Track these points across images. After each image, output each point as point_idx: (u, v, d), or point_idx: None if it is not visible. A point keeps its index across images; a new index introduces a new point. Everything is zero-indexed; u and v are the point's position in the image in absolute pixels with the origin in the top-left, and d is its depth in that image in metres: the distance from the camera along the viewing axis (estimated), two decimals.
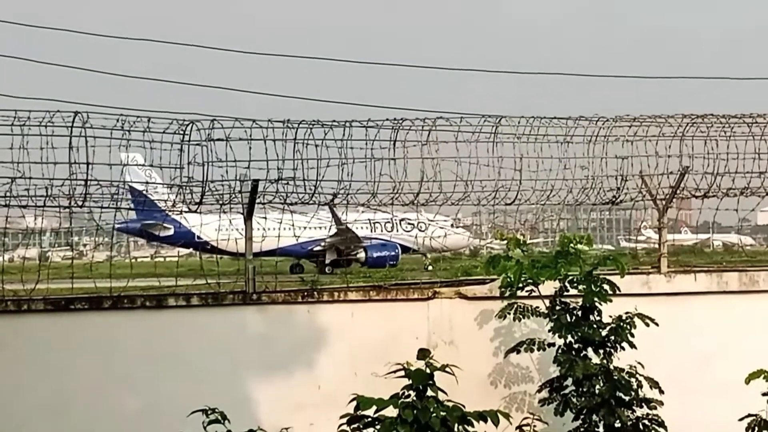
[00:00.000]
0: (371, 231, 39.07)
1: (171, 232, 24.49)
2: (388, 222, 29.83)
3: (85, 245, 19.32)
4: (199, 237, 16.55)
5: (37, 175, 14.32)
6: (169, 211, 16.06)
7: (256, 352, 15.38)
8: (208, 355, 15.18)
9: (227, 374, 15.10)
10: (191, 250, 24.03)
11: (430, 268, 22.66)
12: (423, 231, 19.89)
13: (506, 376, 15.71)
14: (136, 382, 14.97)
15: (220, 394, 13.73)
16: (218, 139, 15.04)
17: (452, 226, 17.28)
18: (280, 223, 15.89)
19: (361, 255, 43.03)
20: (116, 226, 16.52)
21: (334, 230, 39.35)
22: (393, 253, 39.22)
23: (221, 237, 16.37)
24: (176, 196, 15.14)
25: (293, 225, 15.90)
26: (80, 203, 14.65)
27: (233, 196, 15.61)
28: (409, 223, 21.80)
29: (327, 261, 41.88)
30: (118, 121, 14.59)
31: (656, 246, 16.96)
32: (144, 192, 16.16)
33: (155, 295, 15.41)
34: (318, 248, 43.18)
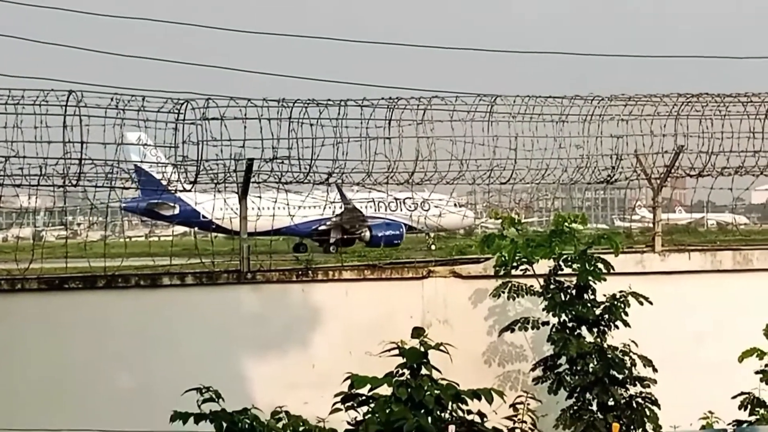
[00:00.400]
0: (375, 210, 38.94)
1: (176, 211, 24.44)
2: (392, 201, 29.71)
3: (79, 224, 19.29)
4: (204, 216, 16.51)
5: (31, 154, 14.33)
6: (175, 190, 16.03)
7: (250, 331, 15.39)
8: (203, 334, 15.19)
9: (222, 353, 15.10)
10: (187, 229, 24.01)
11: (433, 247, 22.68)
12: (426, 210, 19.88)
13: (500, 354, 15.73)
14: (130, 361, 14.98)
15: (214, 373, 13.69)
16: (213, 118, 15.03)
17: (455, 205, 17.27)
18: (275, 202, 15.87)
19: (366, 234, 42.84)
20: (122, 205, 16.47)
21: (336, 210, 39.34)
22: (397, 232, 39.06)
23: (225, 216, 16.34)
24: (170, 175, 15.10)
25: (288, 204, 15.88)
26: (74, 182, 14.62)
27: (228, 175, 15.60)
28: (413, 203, 21.75)
29: (332, 240, 41.69)
30: (112, 100, 14.56)
31: (650, 225, 16.96)
32: (149, 171, 16.14)
33: (149, 275, 15.41)
34: (323, 227, 43.04)
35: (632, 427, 14.01)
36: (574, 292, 14.58)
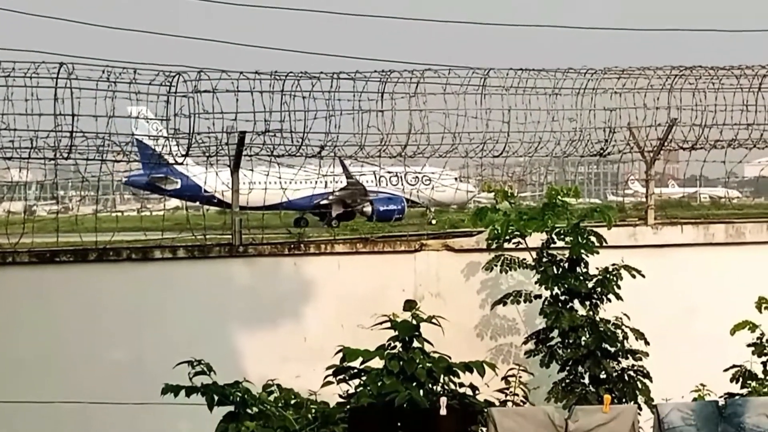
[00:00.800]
0: (376, 185, 38.87)
1: (178, 185, 24.43)
2: (394, 176, 29.69)
3: (70, 199, 19.23)
4: (206, 190, 16.48)
5: (22, 126, 14.28)
6: (174, 162, 16.01)
7: (242, 305, 15.38)
8: (194, 308, 15.17)
9: (213, 326, 15.09)
10: (179, 203, 23.95)
11: (434, 221, 22.65)
12: (427, 185, 19.85)
13: (492, 327, 15.71)
14: (121, 334, 14.96)
15: (205, 346, 13.66)
16: (205, 91, 14.99)
17: (456, 180, 17.26)
18: (279, 177, 15.80)
19: (368, 209, 42.73)
20: (123, 179, 16.41)
21: (335, 185, 39.19)
22: (399, 207, 38.95)
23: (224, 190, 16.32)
24: (162, 148, 15.05)
25: (281, 178, 15.84)
26: (65, 155, 14.57)
27: (220, 148, 15.57)
28: (414, 177, 21.75)
29: (333, 215, 41.58)
30: (103, 72, 14.50)
31: (643, 200, 16.95)
32: (152, 145, 16.08)
33: (141, 248, 15.39)
34: (324, 202, 42.99)
35: (624, 399, 13.99)
36: (566, 265, 14.53)
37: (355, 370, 12.53)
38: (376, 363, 12.51)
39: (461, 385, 12.71)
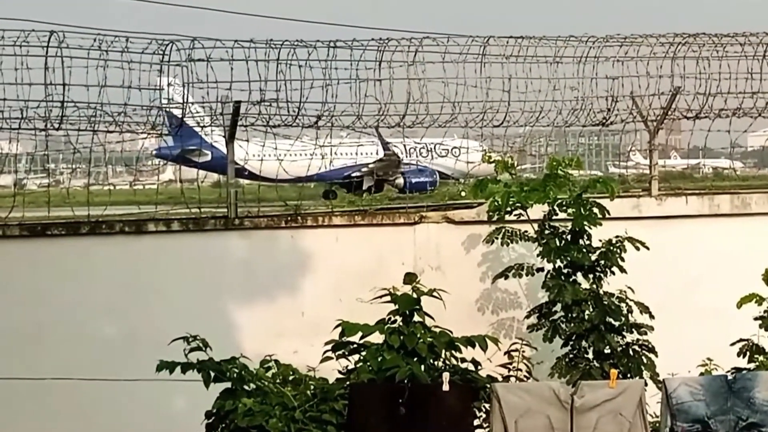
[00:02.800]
0: (407, 156, 38.71)
1: (209, 158, 24.23)
2: (423, 147, 29.56)
3: (62, 173, 18.95)
4: (236, 162, 16.29)
5: (12, 96, 14.01)
6: (205, 135, 15.78)
7: (238, 279, 15.14)
8: (189, 282, 14.91)
9: (209, 301, 14.83)
10: (173, 177, 23.72)
11: (464, 194, 22.40)
12: (457, 157, 19.59)
13: (494, 301, 15.48)
14: (115, 309, 14.69)
15: (201, 321, 13.36)
16: (199, 60, 14.73)
17: (484, 151, 17.06)
18: (315, 147, 15.83)
19: (400, 180, 42.46)
20: (154, 151, 16.11)
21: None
22: (432, 179, 38.69)
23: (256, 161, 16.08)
24: (156, 119, 14.77)
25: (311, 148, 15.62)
26: (56, 126, 14.31)
27: (214, 118, 15.34)
28: (443, 149, 21.60)
29: (365, 187, 41.37)
30: (95, 41, 14.20)
31: (645, 172, 16.76)
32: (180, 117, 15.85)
33: (134, 221, 15.12)
34: (357, 174, 42.77)
35: (629, 374, 13.76)
36: (569, 237, 14.27)
37: (355, 345, 12.24)
38: (376, 338, 12.26)
39: (463, 360, 12.45)
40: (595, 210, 14.20)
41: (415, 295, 12.43)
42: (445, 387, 11.66)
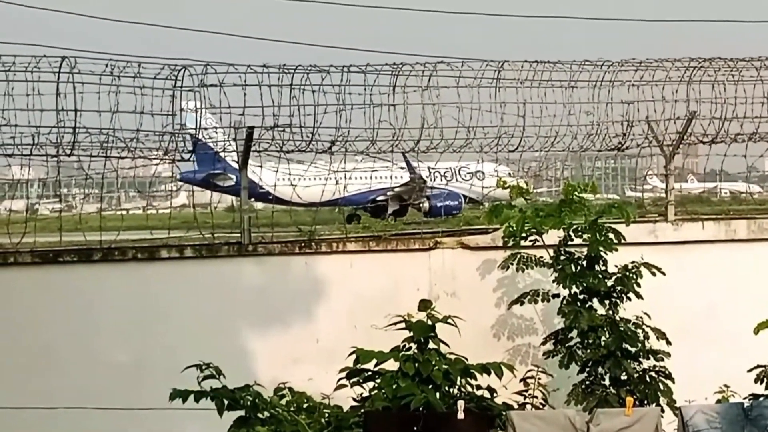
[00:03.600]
0: (431, 180, 38.65)
1: (233, 182, 24.21)
2: (448, 171, 29.42)
3: (74, 197, 18.89)
4: (261, 187, 16.21)
5: (24, 122, 13.96)
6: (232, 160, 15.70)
7: (252, 305, 15.03)
8: (203, 308, 14.81)
9: (222, 328, 14.73)
10: (186, 201, 23.64)
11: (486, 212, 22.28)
12: (481, 180, 19.51)
13: (509, 327, 15.36)
14: (128, 336, 14.60)
15: (215, 348, 13.39)
16: (211, 85, 14.70)
17: (509, 176, 16.97)
18: (335, 172, 15.77)
19: (425, 204, 42.40)
20: (180, 176, 16.09)
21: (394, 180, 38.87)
22: (456, 203, 38.58)
23: (283, 186, 16.02)
24: (168, 145, 14.69)
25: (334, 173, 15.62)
26: (68, 152, 14.25)
27: (227, 143, 15.26)
28: (468, 173, 21.57)
29: (389, 211, 41.26)
30: (107, 66, 14.17)
31: (662, 195, 16.66)
32: (206, 141, 15.80)
33: (147, 247, 15.03)
34: (381, 197, 42.73)
35: (646, 401, 13.66)
36: (584, 263, 14.19)
37: (370, 373, 12.22)
38: (391, 365, 12.20)
39: (478, 387, 12.41)
40: (611, 236, 14.12)
41: (430, 322, 12.38)
42: (460, 415, 11.63)
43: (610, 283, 14.12)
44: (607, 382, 13.96)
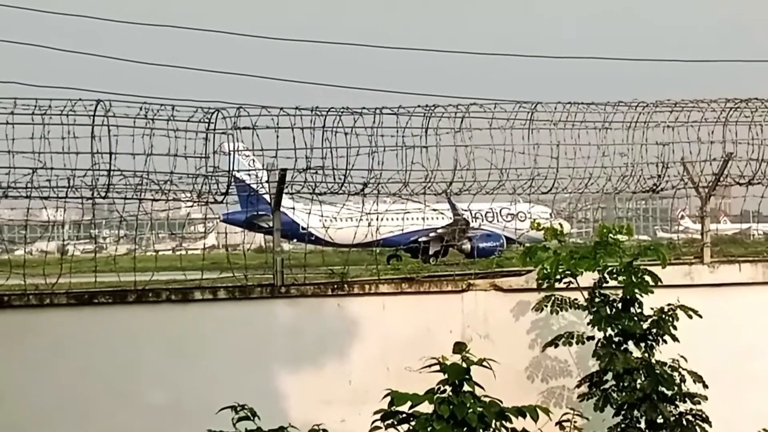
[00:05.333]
0: (472, 221, 38.68)
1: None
2: (488, 212, 29.36)
3: (105, 238, 18.91)
4: (303, 228, 16.21)
5: (59, 165, 13.97)
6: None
7: (285, 347, 14.98)
8: (236, 350, 14.75)
9: (256, 369, 14.69)
10: (215, 242, 23.65)
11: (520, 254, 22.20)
12: (522, 221, 19.43)
13: (544, 370, 15.27)
14: (162, 378, 14.55)
15: (248, 390, 13.37)
16: (244, 128, 14.67)
17: (550, 216, 16.87)
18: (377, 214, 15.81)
19: (467, 246, 42.34)
20: (223, 217, 16.05)
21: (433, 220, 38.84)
22: (498, 244, 38.53)
23: (325, 227, 16.01)
24: (202, 187, 14.67)
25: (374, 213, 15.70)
26: (103, 195, 14.26)
27: (260, 186, 15.23)
28: (509, 214, 21.51)
29: (431, 252, 41.13)
30: (141, 109, 14.19)
31: (694, 236, 16.51)
32: (248, 182, 15.81)
33: (181, 289, 15.01)
34: (423, 239, 42.66)
35: None
36: (620, 305, 14.09)
37: (404, 415, 12.08)
38: (426, 407, 12.09)
39: (513, 430, 12.27)
40: (647, 278, 14.01)
41: (464, 365, 12.28)
42: None
43: (645, 325, 14.01)
44: (643, 426, 13.83)
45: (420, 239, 41.58)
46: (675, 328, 13.93)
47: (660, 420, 13.78)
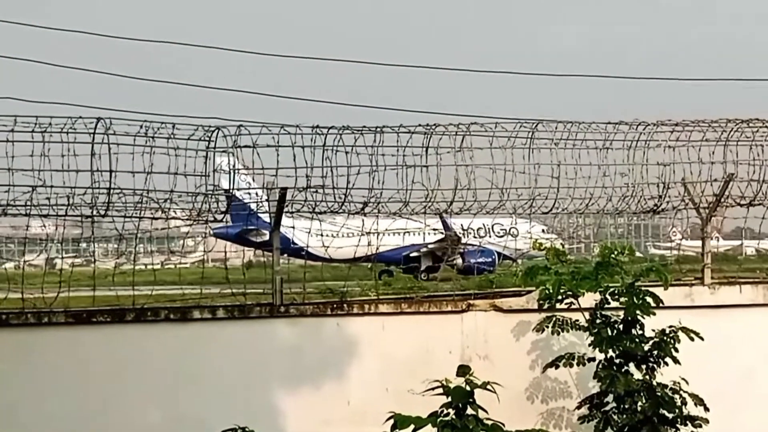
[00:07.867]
0: (465, 236, 38.62)
1: (266, 237, 24.18)
2: (481, 228, 29.33)
3: (105, 254, 18.76)
4: (294, 243, 16.13)
5: (59, 183, 13.85)
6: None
7: (283, 366, 14.89)
8: (235, 370, 14.66)
9: (254, 389, 14.61)
10: (203, 257, 23.51)
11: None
12: (515, 237, 19.35)
13: (544, 391, 15.20)
14: (161, 398, 14.45)
15: (247, 410, 13.39)
16: (245, 146, 14.58)
17: (543, 232, 16.79)
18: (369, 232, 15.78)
19: (459, 261, 42.28)
20: (214, 231, 15.93)
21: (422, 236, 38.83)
22: (490, 260, 38.40)
23: (317, 243, 15.95)
24: (201, 205, 14.58)
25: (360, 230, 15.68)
26: (102, 213, 14.16)
27: (260, 204, 15.16)
28: (501, 229, 21.51)
29: (422, 267, 40.97)
30: (141, 127, 14.10)
31: (687, 253, 16.48)
32: (240, 197, 15.73)
33: (179, 308, 14.90)
34: (414, 254, 42.46)
35: None
36: (621, 326, 14.06)
37: None
38: (428, 430, 12.04)
39: None
40: (649, 299, 13.97)
41: (468, 388, 12.24)
42: None
43: (647, 347, 13.98)
44: None
45: (411, 254, 41.50)
46: (677, 350, 13.90)
47: None
